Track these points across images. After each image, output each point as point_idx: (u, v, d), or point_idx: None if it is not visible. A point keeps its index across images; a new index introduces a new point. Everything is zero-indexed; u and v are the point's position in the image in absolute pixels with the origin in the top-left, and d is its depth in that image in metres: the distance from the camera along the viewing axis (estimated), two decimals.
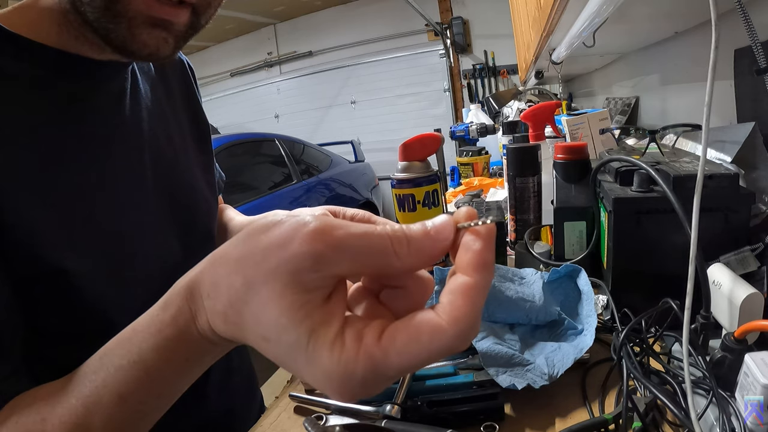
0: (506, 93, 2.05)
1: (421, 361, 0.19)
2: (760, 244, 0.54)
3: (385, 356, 0.19)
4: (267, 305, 0.20)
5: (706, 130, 0.43)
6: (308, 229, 0.20)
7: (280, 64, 5.92)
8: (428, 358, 0.19)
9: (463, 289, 0.19)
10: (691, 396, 0.38)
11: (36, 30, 0.39)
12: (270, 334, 0.20)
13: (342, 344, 0.19)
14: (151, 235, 0.47)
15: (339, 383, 0.19)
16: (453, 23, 4.83)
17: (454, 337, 0.19)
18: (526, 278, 0.63)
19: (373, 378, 0.19)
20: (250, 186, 2.97)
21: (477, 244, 0.20)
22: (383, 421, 0.46)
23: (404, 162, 0.67)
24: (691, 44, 1.02)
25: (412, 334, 0.19)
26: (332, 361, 0.19)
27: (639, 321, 0.51)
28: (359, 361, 0.19)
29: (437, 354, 0.19)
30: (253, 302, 0.20)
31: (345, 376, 0.19)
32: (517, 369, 0.50)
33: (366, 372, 0.19)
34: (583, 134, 1.12)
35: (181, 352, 0.25)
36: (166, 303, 0.25)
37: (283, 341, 0.20)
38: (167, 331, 0.24)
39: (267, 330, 0.20)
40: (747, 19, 0.51)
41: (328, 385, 0.19)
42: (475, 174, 1.70)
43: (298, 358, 0.19)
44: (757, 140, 0.63)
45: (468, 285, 0.19)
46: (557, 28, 1.08)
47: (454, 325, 0.19)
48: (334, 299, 0.20)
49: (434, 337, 0.19)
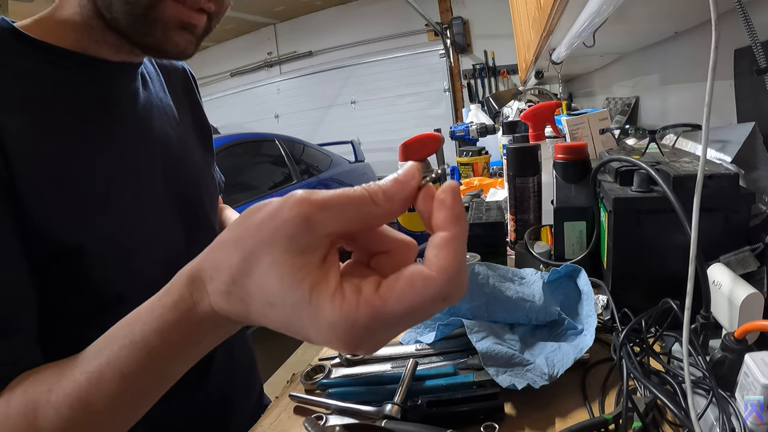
0: (506, 93, 2.05)
1: (418, 306, 0.21)
2: (760, 244, 0.54)
3: (384, 303, 0.20)
4: (269, 272, 0.21)
5: (706, 130, 0.43)
6: (294, 198, 0.22)
7: (280, 64, 5.92)
8: (423, 304, 0.21)
9: (444, 242, 0.21)
10: (691, 396, 0.38)
11: (57, 37, 0.43)
12: (275, 299, 0.21)
13: (342, 296, 0.21)
14: (160, 224, 0.51)
15: (343, 332, 0.20)
16: (453, 23, 4.83)
17: (444, 282, 0.21)
18: (526, 278, 0.63)
19: (374, 325, 0.20)
20: (250, 186, 2.97)
21: (446, 202, 0.22)
22: (383, 421, 0.46)
23: (404, 162, 0.67)
24: (691, 44, 1.02)
25: (407, 283, 0.21)
26: (334, 311, 0.20)
27: (639, 321, 0.51)
28: (360, 308, 0.20)
29: (431, 301, 0.21)
30: (256, 273, 0.22)
31: (348, 324, 0.20)
32: (517, 369, 0.50)
33: (368, 319, 0.20)
34: (583, 134, 1.12)
35: (182, 335, 0.26)
36: (167, 291, 0.26)
37: (288, 302, 0.21)
38: (168, 315, 0.26)
39: (271, 295, 0.21)
40: (747, 19, 0.51)
41: (333, 335, 0.20)
42: (475, 174, 1.70)
43: (303, 315, 0.21)
44: (757, 140, 0.63)
45: (448, 237, 0.21)
46: (557, 28, 1.08)
47: (443, 273, 0.21)
48: (329, 260, 0.22)
49: (427, 284, 0.21)
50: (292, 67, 5.86)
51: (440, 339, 0.59)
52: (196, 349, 0.27)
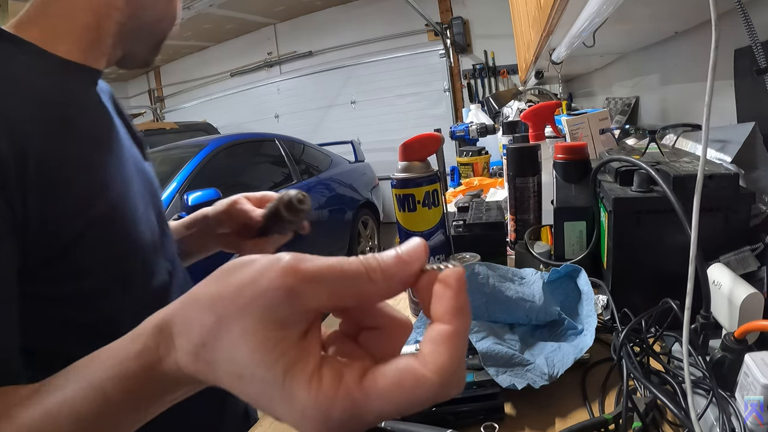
0: (506, 93, 2.05)
1: (403, 407, 0.19)
2: (760, 244, 0.54)
3: (366, 398, 0.18)
4: (240, 342, 0.19)
5: (706, 130, 0.43)
6: (280, 264, 0.20)
7: (280, 64, 5.91)
8: (410, 405, 0.19)
9: (443, 337, 0.19)
10: (691, 396, 0.38)
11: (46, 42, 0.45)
12: (244, 371, 0.19)
13: (319, 382, 0.19)
14: (144, 212, 0.52)
15: (316, 423, 0.18)
16: (453, 23, 4.83)
17: (438, 384, 0.19)
18: (526, 278, 0.63)
19: (350, 420, 0.18)
20: (250, 186, 2.97)
21: (449, 291, 0.20)
22: (383, 420, 0.46)
23: (404, 162, 0.67)
24: (691, 44, 1.02)
25: (396, 380, 0.19)
26: (309, 399, 0.18)
27: (639, 321, 0.51)
28: (338, 400, 0.18)
29: (420, 402, 0.19)
30: (226, 339, 0.20)
31: (322, 415, 0.18)
32: (517, 369, 0.50)
33: (344, 413, 0.18)
34: (583, 134, 1.12)
35: (142, 386, 0.24)
36: (133, 337, 0.24)
37: (257, 378, 0.19)
38: (130, 364, 0.24)
39: (241, 367, 0.19)
40: (747, 19, 0.51)
41: (304, 425, 0.19)
42: (475, 174, 1.70)
43: (274, 396, 0.19)
44: (757, 140, 0.63)
45: (448, 332, 0.19)
46: (557, 28, 1.08)
47: (439, 374, 0.19)
48: (309, 336, 0.20)
49: (418, 384, 0.19)
50: (292, 67, 5.85)
51: None
52: (157, 403, 0.25)
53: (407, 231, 0.69)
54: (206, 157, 2.69)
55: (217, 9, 4.56)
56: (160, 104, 6.91)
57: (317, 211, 3.26)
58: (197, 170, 2.57)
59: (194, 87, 6.50)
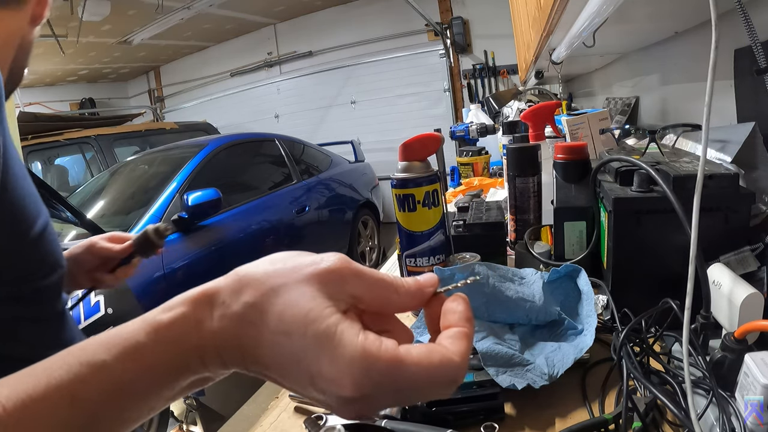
0: (506, 93, 2.05)
1: (431, 378, 0.22)
2: (760, 244, 0.54)
3: (404, 358, 0.21)
4: (296, 303, 0.22)
5: (706, 130, 0.43)
6: (337, 255, 0.24)
7: (280, 64, 5.91)
8: (436, 376, 0.22)
9: (460, 335, 0.24)
10: (691, 396, 0.38)
11: None
12: (293, 328, 0.22)
13: (366, 336, 0.22)
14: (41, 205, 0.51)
15: (360, 369, 0.21)
16: (453, 23, 4.83)
17: (458, 365, 0.22)
18: (526, 278, 0.63)
19: (389, 377, 0.21)
20: (250, 186, 2.97)
21: (462, 305, 0.25)
22: (383, 420, 0.46)
23: (404, 162, 0.67)
24: (691, 44, 1.02)
25: (426, 353, 0.22)
26: (357, 345, 0.21)
27: (639, 321, 0.51)
28: (382, 352, 0.21)
29: (446, 378, 0.22)
30: (279, 301, 0.22)
31: (368, 362, 0.21)
32: (517, 369, 0.50)
33: (387, 365, 0.21)
34: (583, 134, 1.12)
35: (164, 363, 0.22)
36: (167, 307, 0.23)
37: (309, 333, 0.21)
38: (163, 332, 0.23)
39: (290, 324, 0.22)
40: (747, 19, 0.51)
41: (350, 371, 0.21)
42: (475, 174, 1.70)
43: (324, 346, 0.21)
44: (757, 140, 0.63)
45: (463, 333, 0.24)
46: (557, 28, 1.08)
47: (460, 357, 0.23)
48: (349, 314, 0.23)
49: (445, 360, 0.22)
50: (292, 67, 5.85)
51: None
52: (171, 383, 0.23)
53: (407, 231, 0.69)
54: (206, 157, 2.69)
55: (217, 9, 4.56)
56: (160, 104, 6.91)
57: (317, 211, 3.26)
58: (197, 170, 2.57)
59: (194, 87, 6.50)
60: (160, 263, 2.05)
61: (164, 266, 2.05)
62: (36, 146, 3.89)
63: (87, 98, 6.48)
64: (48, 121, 4.24)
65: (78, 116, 5.89)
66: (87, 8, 3.71)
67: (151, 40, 5.13)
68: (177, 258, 2.15)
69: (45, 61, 5.06)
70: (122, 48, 5.22)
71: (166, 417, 1.96)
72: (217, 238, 2.40)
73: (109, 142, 4.36)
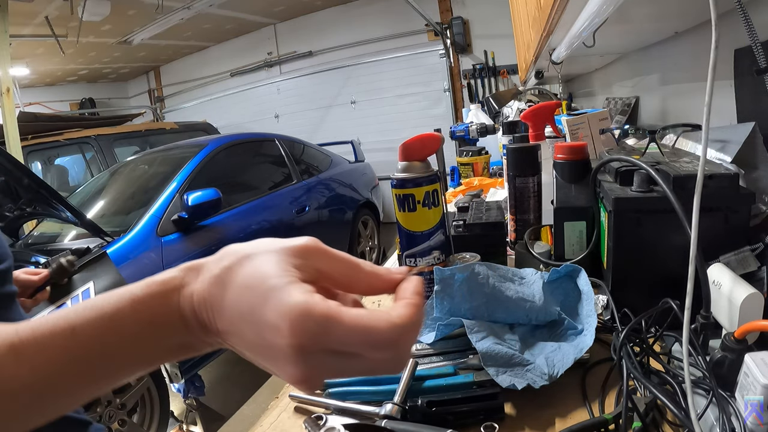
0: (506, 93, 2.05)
1: (366, 336, 0.23)
2: (760, 244, 0.54)
3: (342, 314, 0.23)
4: (262, 265, 0.25)
5: (706, 130, 0.43)
6: (308, 237, 0.28)
7: (280, 64, 5.91)
8: (372, 332, 0.23)
9: (406, 304, 0.25)
10: (691, 396, 0.38)
11: None
12: (254, 283, 0.25)
13: (312, 294, 0.24)
14: None
15: (298, 316, 0.22)
16: (453, 23, 4.83)
17: (395, 327, 0.23)
18: (526, 278, 0.63)
19: (325, 326, 0.23)
20: (250, 186, 2.97)
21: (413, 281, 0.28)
22: (383, 421, 0.46)
23: (404, 162, 0.67)
24: (691, 44, 1.02)
25: (369, 312, 0.24)
26: (301, 295, 0.23)
27: (639, 321, 0.51)
28: (320, 304, 0.23)
29: (379, 335, 0.23)
30: (249, 264, 0.26)
31: (306, 308, 0.23)
32: (517, 369, 0.50)
33: (323, 315, 0.23)
34: (583, 134, 1.12)
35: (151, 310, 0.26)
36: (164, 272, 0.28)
37: (265, 286, 0.24)
38: (153, 287, 0.27)
39: (252, 280, 0.25)
40: (747, 19, 0.51)
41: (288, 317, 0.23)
42: (475, 174, 1.70)
43: (273, 296, 0.24)
44: (757, 140, 0.63)
45: (410, 302, 0.26)
46: (557, 28, 1.08)
47: (400, 320, 0.24)
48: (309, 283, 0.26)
49: (382, 318, 0.23)
50: (292, 67, 5.85)
51: (440, 339, 0.59)
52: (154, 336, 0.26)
53: (407, 231, 0.69)
54: (206, 157, 2.69)
55: (217, 9, 4.56)
56: (160, 104, 6.91)
57: (317, 211, 3.26)
58: (197, 170, 2.57)
59: (194, 87, 6.50)
60: (160, 263, 2.05)
61: (164, 266, 2.06)
62: (36, 146, 3.89)
63: (87, 98, 6.49)
64: (48, 121, 4.24)
65: (78, 116, 5.90)
66: (87, 8, 3.71)
67: (151, 40, 5.13)
68: (177, 258, 2.15)
69: (45, 61, 5.06)
70: (122, 48, 5.22)
71: (166, 417, 1.97)
72: (217, 238, 2.39)
73: (109, 142, 4.36)
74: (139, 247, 2.03)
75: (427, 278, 0.69)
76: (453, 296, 0.58)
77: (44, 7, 3.65)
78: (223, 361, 2.61)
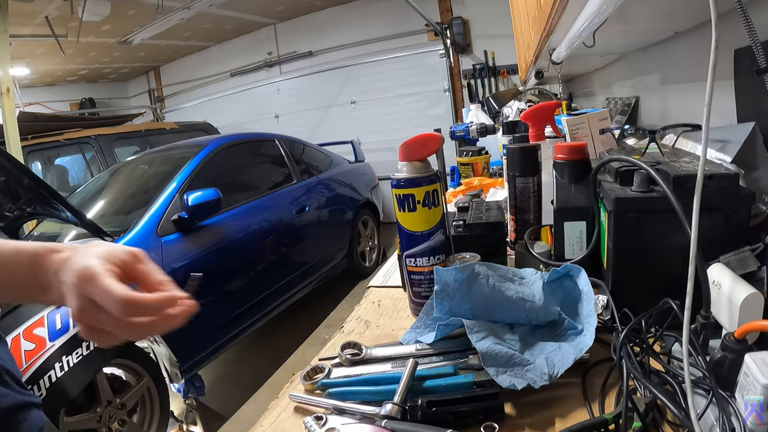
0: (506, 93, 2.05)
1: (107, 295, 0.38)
2: (760, 244, 0.54)
3: (104, 278, 0.39)
4: (90, 254, 0.42)
5: (706, 130, 0.43)
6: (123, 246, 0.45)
7: (280, 64, 5.91)
8: (109, 297, 0.38)
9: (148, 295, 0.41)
10: (691, 396, 0.38)
11: None
12: (79, 253, 0.42)
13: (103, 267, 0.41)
14: None
15: (83, 269, 0.40)
16: (453, 23, 4.83)
17: (125, 298, 0.38)
18: (526, 278, 0.63)
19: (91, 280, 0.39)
20: (250, 186, 2.97)
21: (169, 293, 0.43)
22: (383, 421, 0.46)
23: (404, 162, 0.67)
24: (691, 44, 1.02)
25: (118, 283, 0.39)
26: (95, 263, 0.40)
27: (639, 321, 0.51)
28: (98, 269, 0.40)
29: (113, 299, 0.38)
30: (88, 250, 0.43)
31: (89, 269, 0.40)
32: (517, 369, 0.50)
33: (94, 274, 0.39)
34: (583, 134, 1.12)
35: (30, 254, 0.44)
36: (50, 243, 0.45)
37: (88, 254, 0.42)
38: (35, 244, 0.44)
39: (86, 256, 0.42)
40: (747, 19, 0.51)
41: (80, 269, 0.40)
42: (475, 174, 1.70)
43: (87, 261, 0.41)
44: (757, 140, 0.63)
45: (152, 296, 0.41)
46: (557, 28, 1.08)
47: (131, 297, 0.39)
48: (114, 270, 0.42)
49: (121, 291, 0.38)
50: (292, 67, 5.85)
51: (440, 339, 0.59)
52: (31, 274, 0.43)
53: (407, 231, 0.69)
54: (206, 157, 2.69)
55: (217, 9, 4.56)
56: (160, 104, 6.91)
57: (317, 211, 3.26)
58: (197, 170, 2.57)
59: (194, 87, 6.50)
60: (160, 263, 2.04)
61: (164, 266, 2.05)
62: (36, 146, 3.89)
63: (87, 98, 6.49)
64: (48, 121, 4.24)
65: (78, 116, 5.90)
66: (87, 8, 3.71)
67: (151, 40, 5.13)
68: (177, 258, 2.15)
69: (45, 61, 5.06)
70: (122, 48, 5.22)
71: (166, 417, 1.97)
72: (217, 238, 2.40)
73: (109, 142, 4.37)
74: (139, 246, 2.02)
75: (427, 278, 0.69)
76: (453, 296, 0.58)
77: (44, 7, 3.65)
78: (223, 361, 2.62)
